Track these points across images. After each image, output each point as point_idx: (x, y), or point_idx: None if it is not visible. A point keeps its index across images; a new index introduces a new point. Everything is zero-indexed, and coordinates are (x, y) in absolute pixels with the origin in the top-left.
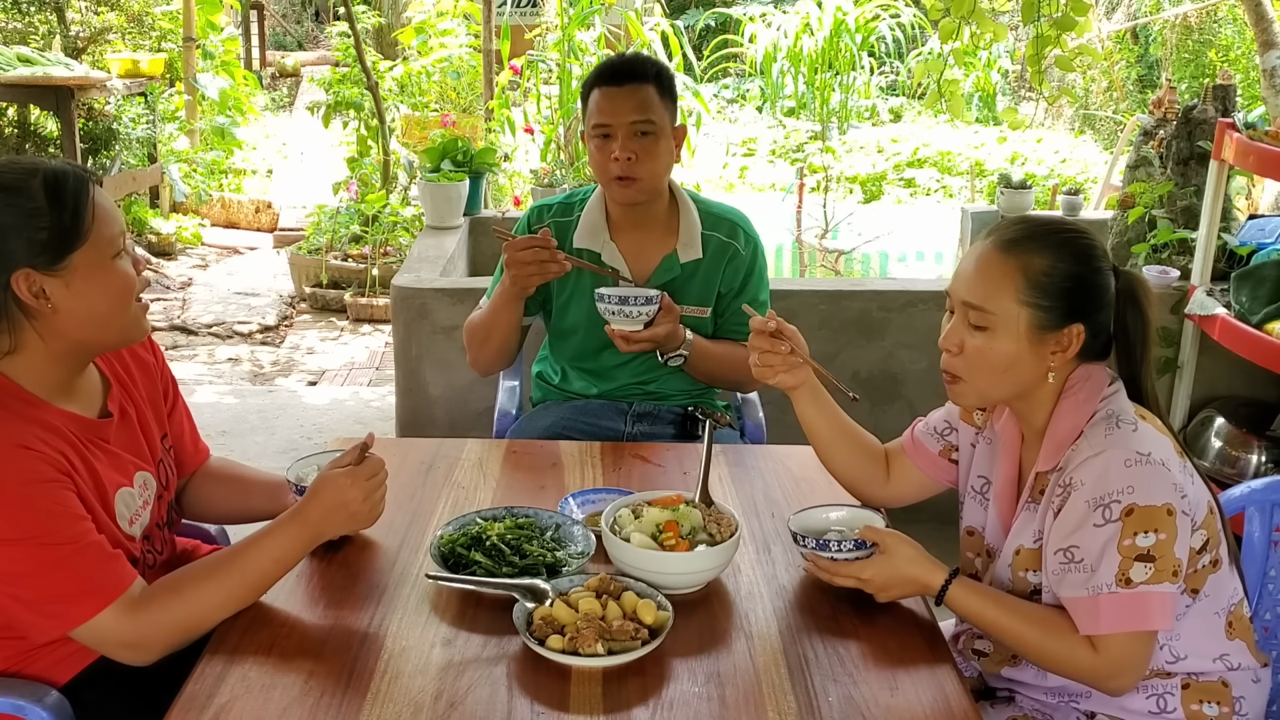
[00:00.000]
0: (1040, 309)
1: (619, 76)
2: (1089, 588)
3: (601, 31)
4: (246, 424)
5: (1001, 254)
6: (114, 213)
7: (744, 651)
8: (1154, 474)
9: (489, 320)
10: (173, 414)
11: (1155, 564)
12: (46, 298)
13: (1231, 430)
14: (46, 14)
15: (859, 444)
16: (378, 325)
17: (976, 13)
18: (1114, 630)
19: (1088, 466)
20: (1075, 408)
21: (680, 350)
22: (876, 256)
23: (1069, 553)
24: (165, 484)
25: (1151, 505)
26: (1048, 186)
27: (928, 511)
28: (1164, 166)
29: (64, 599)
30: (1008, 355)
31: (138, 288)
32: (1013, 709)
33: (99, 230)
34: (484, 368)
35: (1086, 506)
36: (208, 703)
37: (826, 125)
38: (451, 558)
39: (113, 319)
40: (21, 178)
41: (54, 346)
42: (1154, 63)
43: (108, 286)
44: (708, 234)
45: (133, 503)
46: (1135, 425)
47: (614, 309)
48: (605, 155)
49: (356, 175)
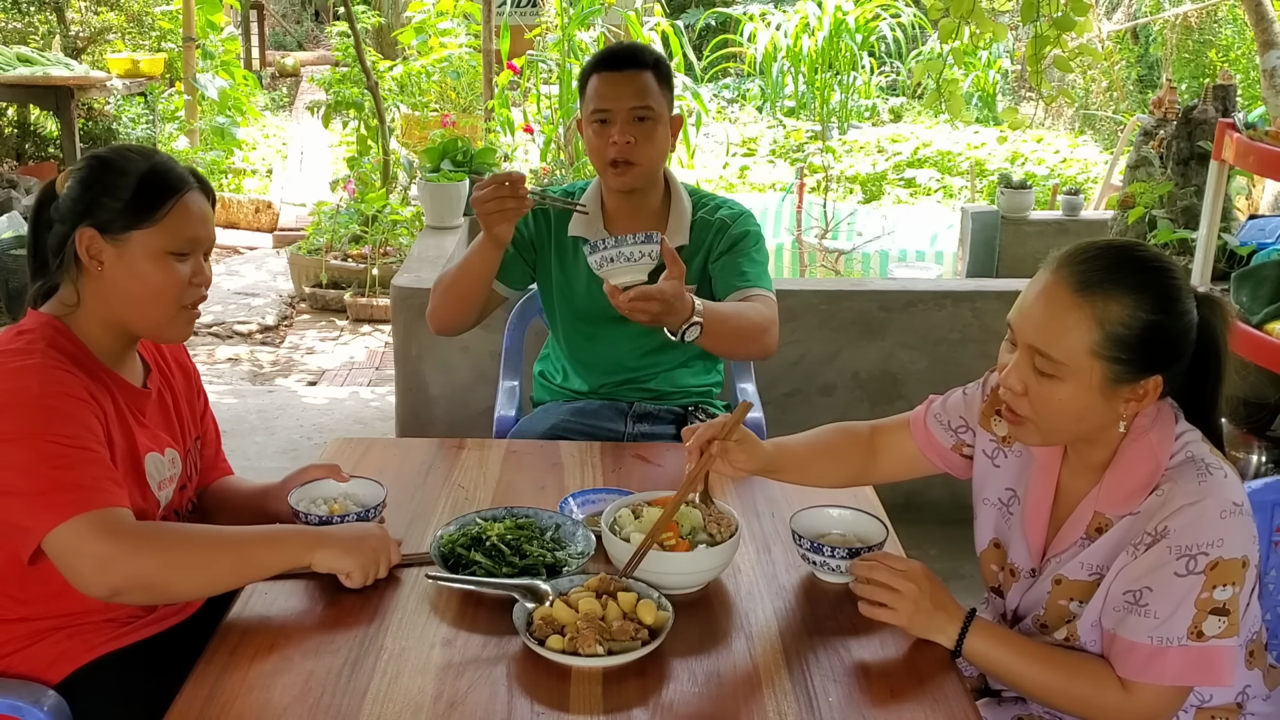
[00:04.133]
0: (1118, 363)
1: (618, 63)
2: (1155, 637)
3: (601, 31)
4: (246, 424)
5: (1075, 296)
6: (198, 220)
7: (744, 651)
8: (1242, 526)
9: (460, 265)
10: (204, 419)
11: (1228, 618)
12: (99, 262)
13: (1231, 430)
14: (46, 14)
15: (832, 457)
16: (377, 325)
17: (976, 12)
18: (1176, 683)
19: (1182, 515)
20: (1149, 451)
21: (694, 318)
22: (876, 256)
23: (1138, 594)
24: (189, 475)
25: (1234, 558)
26: (1048, 186)
27: (928, 511)
28: (1164, 166)
29: (53, 490)
30: (1078, 407)
31: (186, 295)
32: (1020, 708)
33: (169, 224)
34: (440, 319)
35: (1169, 553)
36: (208, 703)
37: (826, 125)
38: (451, 558)
39: (149, 308)
40: (130, 159)
41: (100, 312)
42: (1154, 63)
43: (152, 275)
44: (696, 218)
45: (161, 471)
46: (1225, 471)
47: (611, 254)
48: (603, 140)
49: (356, 175)
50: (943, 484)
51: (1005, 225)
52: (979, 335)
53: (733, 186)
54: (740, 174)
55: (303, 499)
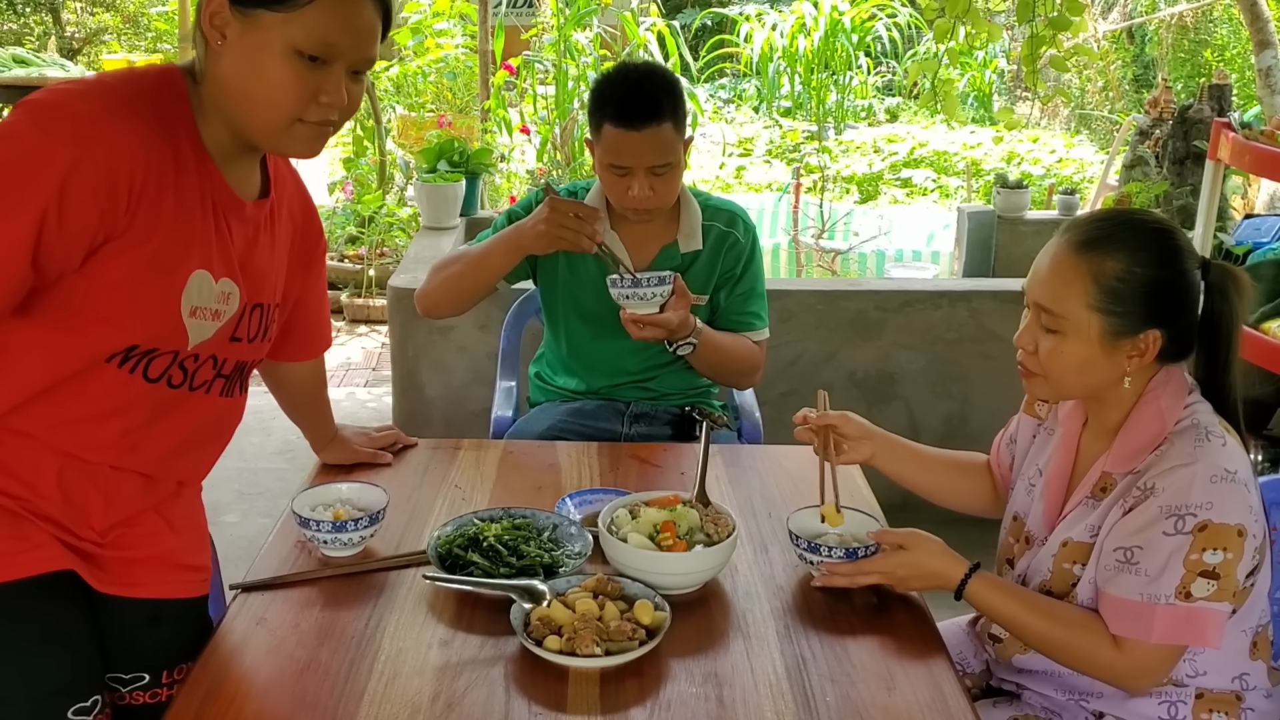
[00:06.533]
0: (1113, 315)
1: (635, 118)
2: (1144, 594)
3: (597, 32)
4: (243, 424)
5: (1074, 255)
6: (348, 23)
7: (741, 651)
8: (1234, 493)
9: (476, 258)
10: (307, 284)
11: (1219, 582)
12: (221, 35)
13: None
14: (42, 15)
15: (955, 468)
16: (374, 326)
17: (971, 12)
18: (1164, 641)
19: (1172, 475)
20: (1157, 414)
21: (690, 338)
22: (873, 256)
23: (1129, 553)
24: (250, 329)
25: (1225, 524)
26: (1044, 186)
27: (926, 511)
28: (1160, 166)
29: None
30: (1080, 359)
31: (308, 110)
32: (1017, 708)
33: (308, 15)
34: (434, 300)
35: (1159, 512)
36: (205, 703)
37: (823, 125)
38: (449, 558)
39: (258, 108)
40: None
41: (216, 96)
42: (1150, 62)
43: (270, 71)
44: (708, 224)
45: (205, 298)
46: (1224, 440)
47: (628, 292)
48: (621, 188)
49: (352, 176)
50: None
51: (1001, 225)
52: (975, 335)
53: (729, 186)
54: (737, 174)
55: (305, 505)
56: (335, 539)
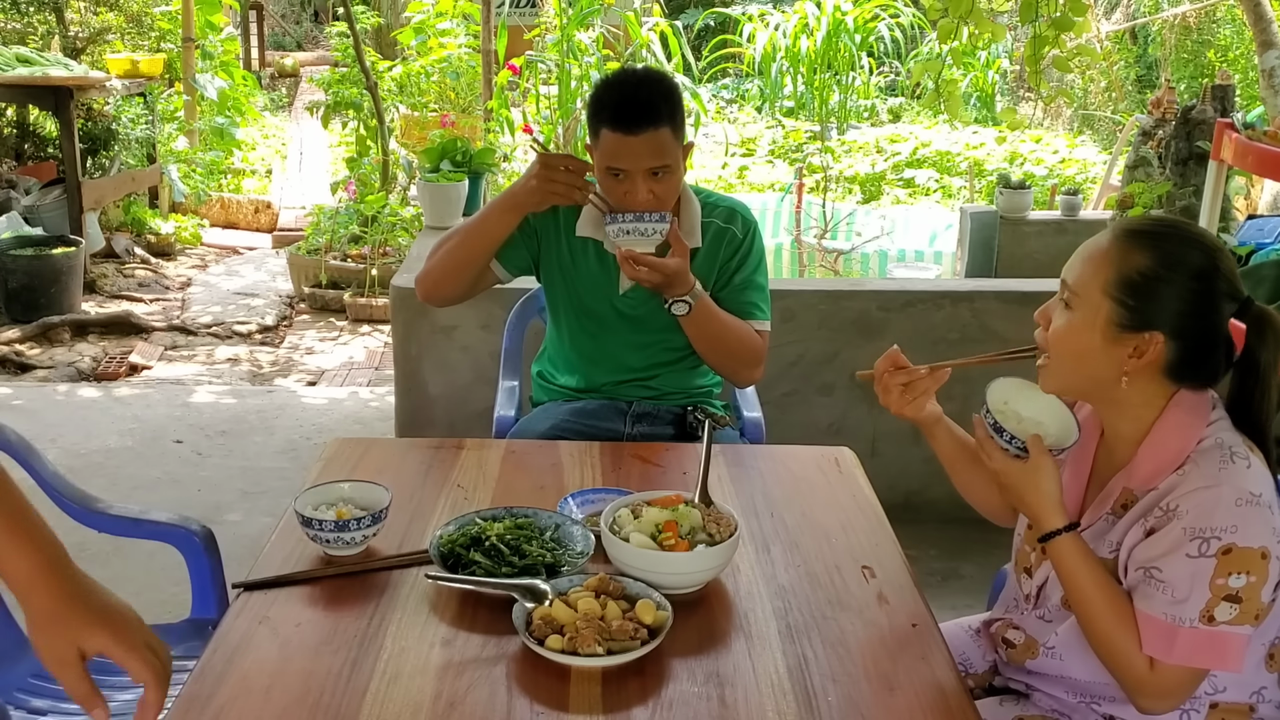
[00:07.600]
0: (1123, 306)
1: (632, 123)
2: (1169, 615)
3: (600, 32)
4: (246, 424)
5: (1112, 241)
6: None
7: (743, 651)
8: (1259, 516)
9: (470, 225)
10: None
11: (1241, 606)
12: None
13: None
14: (45, 14)
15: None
16: (377, 325)
17: (975, 13)
18: (1184, 663)
19: (1196, 497)
20: (1179, 429)
21: (686, 296)
22: (875, 256)
23: (1150, 572)
24: None
25: (1250, 547)
26: (1046, 187)
27: (927, 511)
28: (1163, 166)
29: None
30: (1082, 342)
31: None
32: (1024, 707)
33: None
34: (434, 280)
35: (1183, 534)
36: (207, 703)
37: (825, 125)
38: (451, 558)
39: None
40: None
41: None
42: (1152, 63)
43: None
44: (707, 221)
45: None
46: (1249, 461)
47: (629, 226)
48: (619, 191)
49: (356, 175)
50: (942, 484)
51: (1004, 225)
52: (978, 335)
53: (731, 187)
54: (739, 174)
55: (308, 504)
56: (338, 538)
